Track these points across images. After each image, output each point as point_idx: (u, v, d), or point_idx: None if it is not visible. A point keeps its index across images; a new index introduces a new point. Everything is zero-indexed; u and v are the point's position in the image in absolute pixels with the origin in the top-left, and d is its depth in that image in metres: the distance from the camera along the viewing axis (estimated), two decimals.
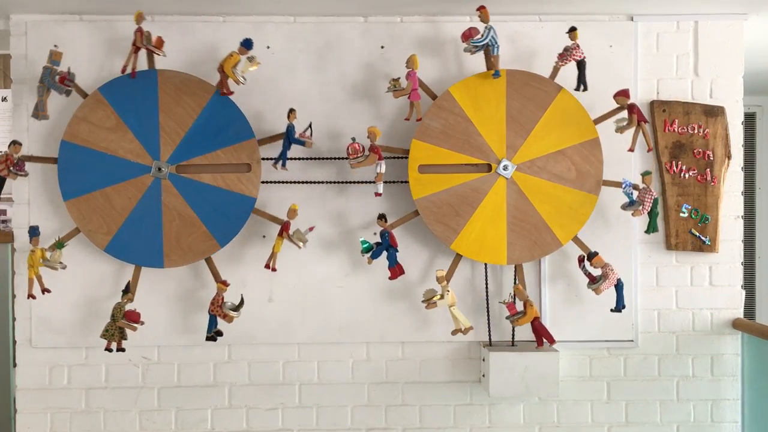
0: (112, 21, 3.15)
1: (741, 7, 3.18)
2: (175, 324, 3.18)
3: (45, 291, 2.95)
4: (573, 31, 3.02)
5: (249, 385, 3.25)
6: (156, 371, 3.23)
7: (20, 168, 2.93)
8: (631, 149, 3.03)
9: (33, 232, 2.93)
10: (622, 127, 3.02)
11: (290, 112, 2.99)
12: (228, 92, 2.98)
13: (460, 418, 3.29)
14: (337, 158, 3.15)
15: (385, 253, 3.00)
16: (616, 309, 3.06)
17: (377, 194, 2.99)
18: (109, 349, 2.96)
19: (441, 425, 3.29)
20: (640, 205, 3.00)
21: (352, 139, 2.97)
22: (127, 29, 3.10)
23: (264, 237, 3.16)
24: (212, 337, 3.01)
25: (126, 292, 3.00)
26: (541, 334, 3.03)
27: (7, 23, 3.18)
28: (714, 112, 3.26)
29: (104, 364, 3.21)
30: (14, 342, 3.25)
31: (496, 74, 3.00)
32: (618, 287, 3.03)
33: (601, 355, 3.29)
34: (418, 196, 3.04)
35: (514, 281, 3.16)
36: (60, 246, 2.96)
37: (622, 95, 3.01)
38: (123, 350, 2.98)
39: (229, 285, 2.99)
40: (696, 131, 3.25)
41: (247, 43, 2.91)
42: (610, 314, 3.10)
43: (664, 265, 3.29)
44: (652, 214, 3.04)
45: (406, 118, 3.01)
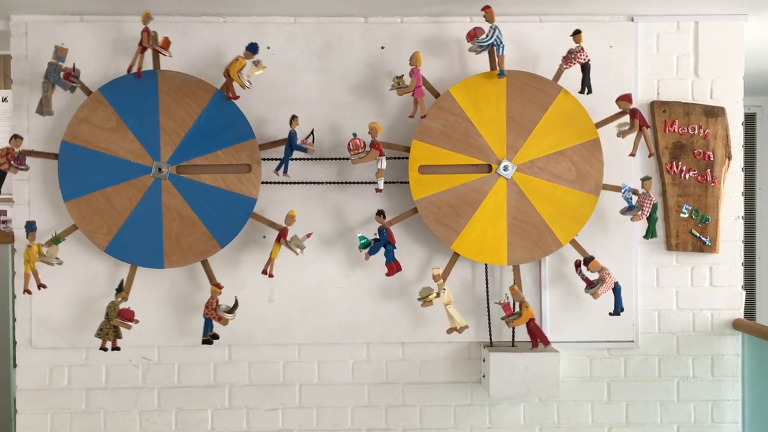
0: (113, 21, 3.15)
1: (741, 7, 3.19)
2: (176, 324, 3.18)
3: (41, 286, 2.94)
4: (577, 33, 3.01)
5: (249, 386, 3.25)
6: (156, 372, 3.23)
7: (21, 162, 2.93)
8: (632, 154, 3.03)
9: (30, 228, 2.92)
10: (624, 132, 3.01)
11: (292, 118, 2.99)
12: (234, 96, 2.97)
13: (461, 419, 3.29)
14: (338, 158, 3.15)
15: (383, 250, 3.00)
16: (615, 312, 3.06)
17: (378, 190, 2.99)
18: (104, 348, 2.96)
19: (441, 426, 3.29)
20: (639, 210, 2.99)
21: (353, 135, 2.97)
22: (127, 30, 3.11)
23: (264, 237, 3.16)
24: (208, 341, 3.01)
25: (120, 290, 3.00)
26: (536, 335, 3.04)
27: (8, 24, 3.18)
28: (714, 113, 3.26)
29: (104, 364, 3.21)
30: (14, 342, 3.25)
31: (501, 74, 3.00)
32: (615, 291, 3.03)
33: (602, 355, 3.29)
34: (418, 197, 3.04)
35: (514, 282, 3.16)
36: (57, 241, 2.95)
37: (625, 100, 3.01)
38: (118, 349, 2.97)
39: (223, 288, 2.99)
40: (696, 132, 3.25)
41: (253, 48, 2.90)
42: (610, 315, 3.10)
43: (664, 265, 3.29)
44: (651, 220, 3.04)
45: (411, 116, 3.01)
